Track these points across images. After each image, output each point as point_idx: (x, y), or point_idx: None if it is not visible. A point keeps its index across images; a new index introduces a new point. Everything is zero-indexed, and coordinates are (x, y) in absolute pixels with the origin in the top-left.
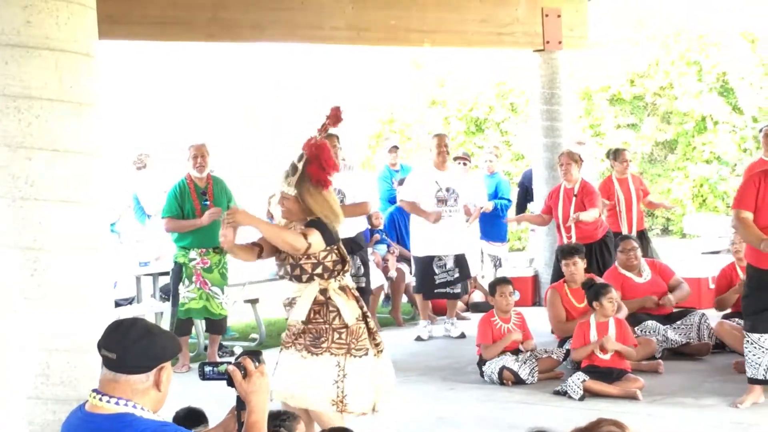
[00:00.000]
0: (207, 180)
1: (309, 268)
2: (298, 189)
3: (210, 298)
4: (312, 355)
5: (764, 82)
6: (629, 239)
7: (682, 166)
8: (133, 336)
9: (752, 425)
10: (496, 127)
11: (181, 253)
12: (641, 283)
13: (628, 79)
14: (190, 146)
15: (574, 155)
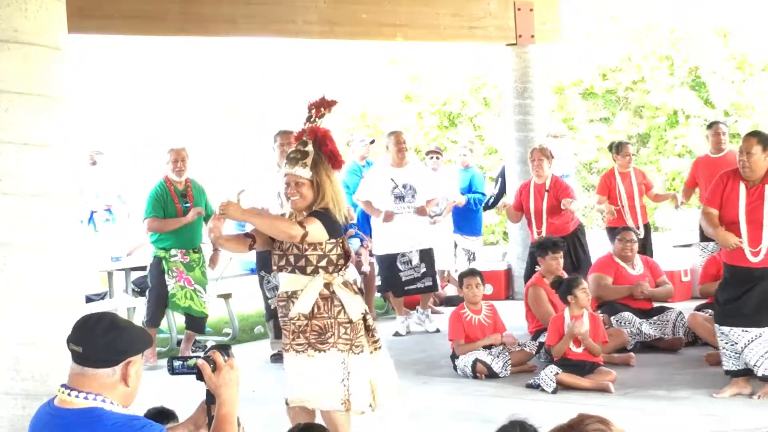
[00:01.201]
0: (186, 183)
1: (314, 260)
2: (315, 171)
3: (194, 296)
4: (318, 352)
5: (736, 76)
6: (629, 230)
7: (654, 160)
8: (99, 330)
9: (723, 417)
10: (469, 121)
11: (161, 246)
12: (634, 275)
13: (601, 74)
14: (170, 150)
15: (545, 151)
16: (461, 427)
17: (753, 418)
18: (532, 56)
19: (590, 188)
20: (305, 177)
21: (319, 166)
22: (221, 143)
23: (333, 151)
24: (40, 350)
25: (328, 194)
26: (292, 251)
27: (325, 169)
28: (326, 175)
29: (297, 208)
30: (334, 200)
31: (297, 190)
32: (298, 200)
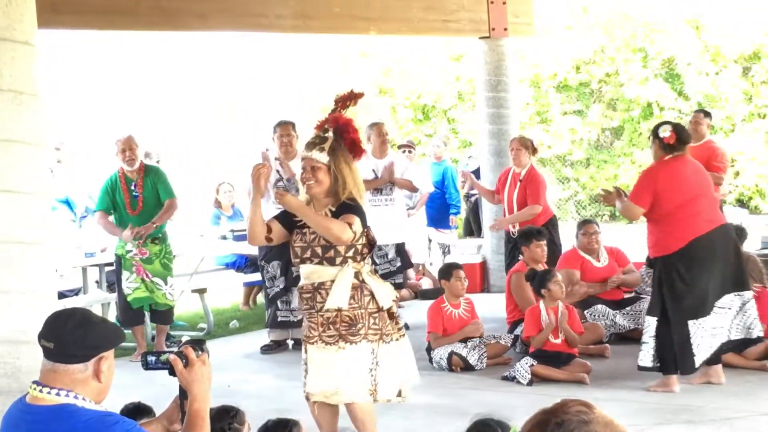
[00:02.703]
0: (138, 171)
1: (343, 250)
2: (332, 157)
3: (153, 288)
4: (349, 344)
5: (710, 68)
6: (591, 223)
7: (628, 152)
8: (71, 325)
9: (697, 408)
10: (443, 114)
11: (120, 244)
12: (599, 267)
13: (574, 66)
14: (117, 140)
15: (525, 141)
16: (437, 419)
17: (727, 406)
18: (506, 49)
19: (564, 180)
20: (322, 162)
21: (337, 153)
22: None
23: (354, 139)
24: (12, 347)
25: (350, 182)
26: (319, 242)
27: (344, 156)
28: (345, 162)
29: (312, 193)
30: (356, 187)
31: (313, 174)
32: (314, 185)
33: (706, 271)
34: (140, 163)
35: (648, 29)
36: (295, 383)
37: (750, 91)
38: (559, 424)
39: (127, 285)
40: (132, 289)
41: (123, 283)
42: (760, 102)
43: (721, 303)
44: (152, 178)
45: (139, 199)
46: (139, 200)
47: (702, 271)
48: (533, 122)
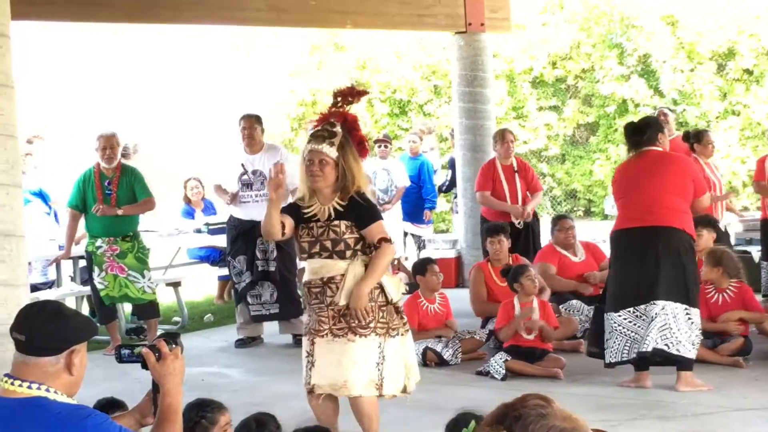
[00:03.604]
0: (115, 170)
1: (353, 243)
2: (341, 152)
3: (128, 283)
4: (359, 336)
5: (685, 65)
6: (566, 218)
7: (603, 148)
8: (42, 318)
9: (670, 403)
10: (419, 109)
11: (90, 241)
12: (576, 262)
13: (550, 62)
14: (99, 136)
15: (513, 134)
16: (411, 414)
17: (700, 402)
18: (483, 44)
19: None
20: (331, 156)
21: (346, 149)
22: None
23: (362, 138)
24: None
25: (358, 177)
26: (329, 236)
27: (352, 152)
28: (353, 158)
29: (318, 187)
30: (363, 182)
31: (320, 168)
32: (320, 179)
33: (623, 268)
34: (118, 162)
35: (624, 26)
36: (270, 377)
37: (725, 88)
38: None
39: (98, 281)
40: (103, 287)
41: (95, 280)
42: (735, 99)
43: (640, 309)
44: (128, 178)
45: (111, 197)
46: (111, 198)
47: (619, 266)
48: (509, 117)
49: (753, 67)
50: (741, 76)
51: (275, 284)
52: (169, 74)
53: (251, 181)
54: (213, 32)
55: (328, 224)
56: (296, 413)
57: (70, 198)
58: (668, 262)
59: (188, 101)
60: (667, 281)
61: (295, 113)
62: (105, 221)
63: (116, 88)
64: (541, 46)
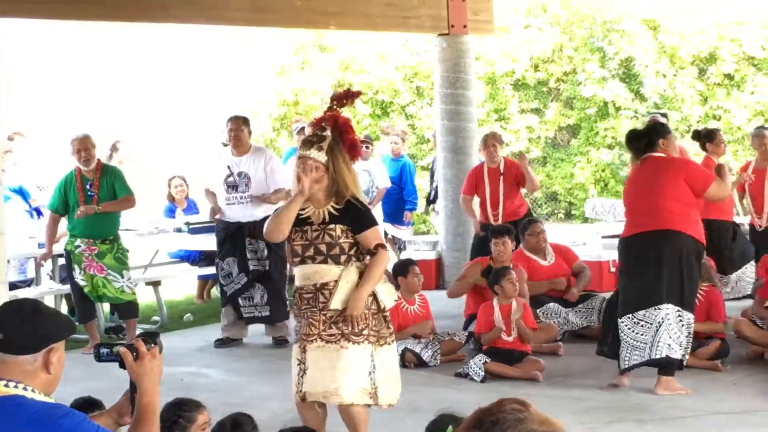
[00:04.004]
0: (95, 171)
1: (347, 247)
2: (331, 156)
3: (106, 283)
4: (352, 343)
5: (666, 69)
6: (537, 222)
7: (584, 151)
8: (21, 316)
9: (648, 406)
10: (401, 110)
11: (70, 240)
12: (546, 265)
13: (532, 64)
14: (73, 139)
15: (498, 137)
16: (389, 416)
17: (678, 405)
18: (465, 46)
19: None
20: (320, 161)
21: (335, 152)
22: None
23: (353, 140)
24: None
25: (350, 181)
26: (324, 240)
27: (342, 156)
28: (343, 162)
29: (315, 196)
30: (355, 186)
31: (311, 174)
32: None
33: (626, 275)
34: (97, 163)
35: (606, 29)
36: (249, 378)
37: (706, 93)
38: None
39: (79, 279)
40: (83, 285)
41: (77, 278)
42: (716, 104)
43: (638, 315)
44: (109, 178)
45: (93, 199)
46: (93, 200)
47: (623, 273)
48: (491, 120)
49: (734, 72)
50: (722, 80)
51: (266, 286)
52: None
53: (237, 182)
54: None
55: (323, 228)
56: (276, 414)
57: (51, 201)
58: (668, 265)
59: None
60: (668, 284)
61: (278, 113)
62: (87, 223)
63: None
64: (523, 48)
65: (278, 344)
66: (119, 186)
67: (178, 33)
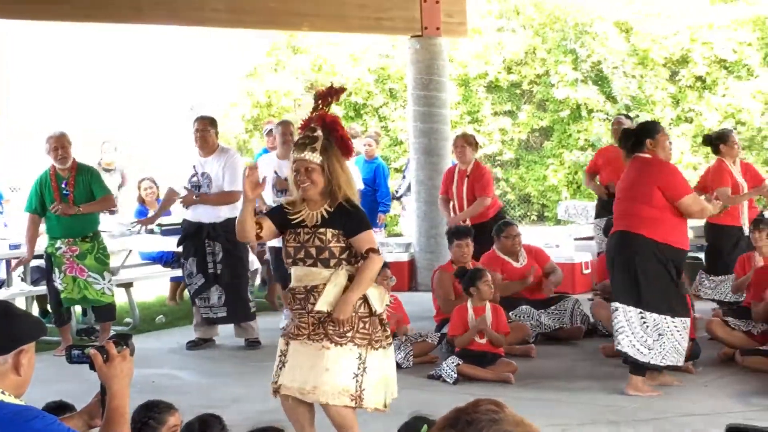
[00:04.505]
0: (71, 170)
1: (338, 251)
2: (325, 156)
3: (88, 285)
4: (335, 345)
5: (638, 72)
6: (512, 225)
7: (557, 153)
8: None
9: (620, 408)
10: (374, 112)
11: (50, 242)
12: (518, 267)
13: (505, 67)
14: (49, 137)
15: (469, 138)
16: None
17: (650, 407)
18: (439, 48)
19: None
20: (315, 162)
21: (329, 152)
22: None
23: (344, 137)
24: None
25: (344, 182)
26: (314, 243)
27: (336, 155)
28: (337, 161)
29: (308, 195)
30: (350, 186)
31: (308, 176)
32: (309, 187)
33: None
34: (72, 162)
35: (578, 32)
36: (221, 380)
37: (677, 95)
38: (469, 422)
39: (58, 283)
40: (62, 289)
41: (56, 282)
42: (687, 106)
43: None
44: (85, 177)
45: (69, 198)
46: (69, 198)
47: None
48: (464, 122)
49: (705, 74)
50: (693, 83)
51: (223, 288)
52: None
53: (200, 183)
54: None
55: (314, 231)
56: (248, 416)
57: (28, 202)
58: (620, 268)
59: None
60: (621, 284)
61: (250, 115)
62: (65, 222)
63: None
64: (496, 51)
65: (250, 346)
66: (97, 187)
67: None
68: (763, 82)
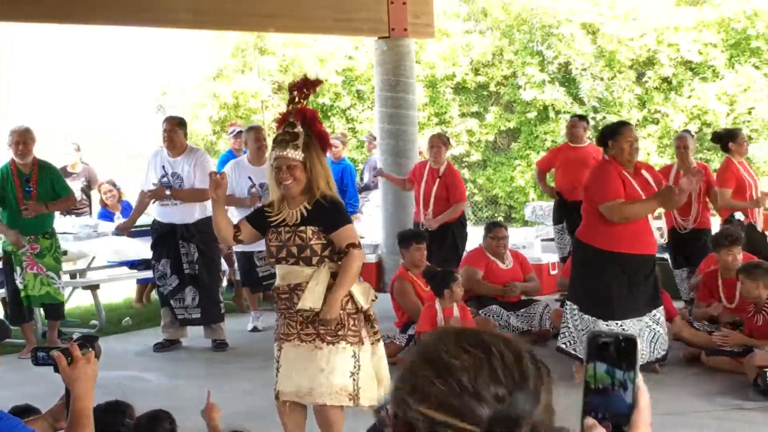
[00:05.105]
0: (32, 165)
1: (319, 249)
2: (306, 153)
3: (49, 283)
4: (328, 344)
5: (605, 73)
6: (501, 227)
7: (524, 155)
8: None
9: None
10: (341, 114)
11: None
12: (504, 269)
13: (473, 68)
14: (12, 131)
15: (443, 138)
16: None
17: None
18: (406, 50)
19: None
20: (297, 159)
21: (310, 148)
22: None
23: (323, 132)
24: None
25: (322, 178)
26: (295, 242)
27: (316, 151)
28: (317, 157)
29: (290, 193)
30: (327, 181)
31: (290, 173)
32: (292, 184)
33: None
34: (33, 158)
35: (545, 33)
36: (188, 381)
37: (644, 97)
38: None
39: (18, 281)
40: (23, 286)
41: (17, 280)
42: (653, 107)
43: None
44: (47, 174)
45: (32, 194)
46: (32, 195)
47: None
48: (431, 123)
49: (672, 76)
50: (660, 84)
51: (198, 289)
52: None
53: (171, 183)
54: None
55: (294, 230)
56: None
57: None
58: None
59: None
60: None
61: (218, 116)
62: (28, 220)
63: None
64: (463, 52)
65: (218, 348)
66: (60, 185)
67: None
68: (728, 84)
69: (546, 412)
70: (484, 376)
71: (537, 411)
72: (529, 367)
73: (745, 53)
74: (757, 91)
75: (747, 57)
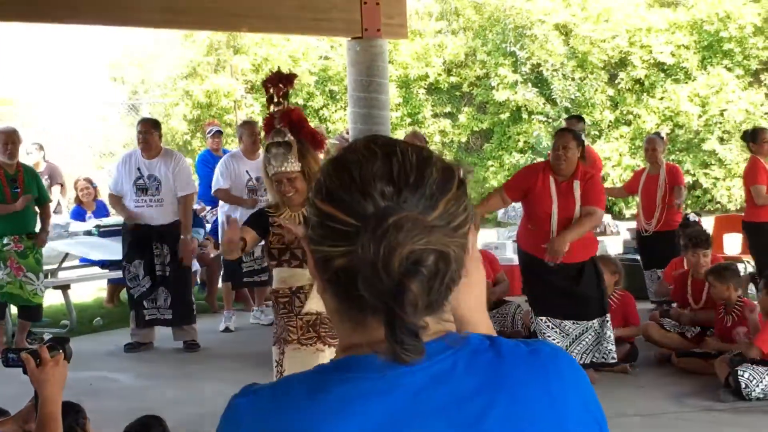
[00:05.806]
0: (17, 167)
1: None
2: (303, 161)
3: (23, 285)
4: (328, 346)
5: (577, 74)
6: None
7: (497, 155)
8: None
9: None
10: (314, 114)
11: None
12: None
13: (445, 69)
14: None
15: (419, 135)
16: None
17: None
18: (379, 50)
19: None
20: (296, 170)
21: (305, 155)
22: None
23: (313, 132)
24: None
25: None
26: (298, 243)
27: (311, 155)
28: (312, 159)
29: (294, 203)
30: None
31: (291, 186)
32: (295, 195)
33: None
34: (17, 160)
35: (517, 34)
36: (159, 382)
37: (616, 98)
38: None
39: (2, 276)
40: (5, 282)
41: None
42: (626, 109)
43: None
44: (32, 179)
45: (19, 194)
46: (19, 195)
47: None
48: (405, 124)
49: (644, 77)
50: (632, 86)
51: (170, 290)
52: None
53: (146, 185)
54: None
55: None
56: (186, 418)
57: None
58: None
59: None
60: None
61: (191, 115)
62: (12, 218)
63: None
64: (436, 53)
65: (189, 348)
66: (44, 191)
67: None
68: (700, 85)
69: (443, 220)
70: (373, 171)
71: (430, 216)
72: (432, 175)
73: (717, 55)
74: (729, 93)
75: (719, 59)
